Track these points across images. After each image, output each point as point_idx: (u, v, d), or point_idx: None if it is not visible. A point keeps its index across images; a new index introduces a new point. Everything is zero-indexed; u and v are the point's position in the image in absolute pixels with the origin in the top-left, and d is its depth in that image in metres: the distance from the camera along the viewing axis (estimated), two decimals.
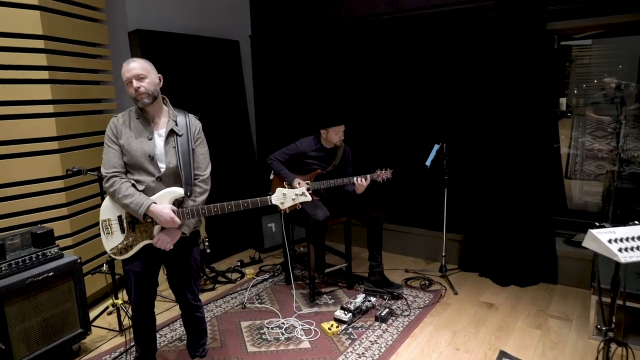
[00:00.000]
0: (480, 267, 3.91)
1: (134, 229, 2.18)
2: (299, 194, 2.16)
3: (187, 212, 2.16)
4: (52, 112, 3.02)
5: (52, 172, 3.06)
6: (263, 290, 3.72)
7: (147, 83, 2.12)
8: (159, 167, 2.16)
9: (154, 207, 2.09)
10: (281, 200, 2.16)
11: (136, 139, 2.15)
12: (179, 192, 2.16)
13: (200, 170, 2.27)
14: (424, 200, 4.26)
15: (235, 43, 4.74)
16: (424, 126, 4.18)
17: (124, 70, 2.11)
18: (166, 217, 2.09)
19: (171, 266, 2.33)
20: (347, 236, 3.62)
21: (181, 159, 2.17)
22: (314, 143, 3.52)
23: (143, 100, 2.11)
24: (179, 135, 2.20)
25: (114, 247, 2.20)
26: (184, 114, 2.29)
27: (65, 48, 3.14)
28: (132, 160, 2.14)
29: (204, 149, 2.33)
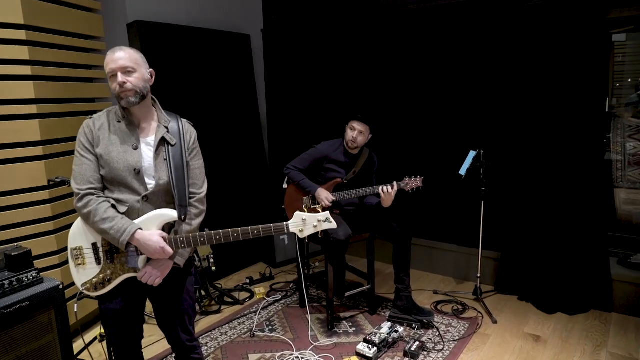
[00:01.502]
0: (520, 289, 3.45)
1: (113, 260, 1.78)
2: (322, 220, 1.74)
3: (182, 241, 1.75)
4: (35, 113, 2.65)
5: (36, 182, 2.68)
6: (274, 314, 3.31)
7: (135, 78, 1.70)
8: (146, 184, 1.75)
9: (140, 235, 1.69)
10: (300, 228, 1.75)
11: (118, 147, 1.74)
12: (171, 215, 1.75)
13: (196, 187, 1.86)
14: (456, 212, 3.80)
15: (245, 37, 4.34)
16: (458, 130, 3.71)
17: (108, 60, 1.70)
18: (155, 247, 1.68)
19: (160, 303, 1.91)
20: (370, 254, 3.19)
21: (174, 174, 1.76)
22: (337, 146, 3.11)
23: (129, 98, 1.70)
24: (171, 145, 1.79)
25: (87, 281, 1.80)
26: (176, 119, 1.87)
27: (51, 40, 2.76)
28: (112, 174, 1.73)
29: (200, 162, 1.92)
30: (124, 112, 1.78)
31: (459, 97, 3.69)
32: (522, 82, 3.31)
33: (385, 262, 4.14)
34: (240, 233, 1.73)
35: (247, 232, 1.73)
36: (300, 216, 1.75)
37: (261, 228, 1.73)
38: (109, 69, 1.69)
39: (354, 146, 3.04)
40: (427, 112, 3.87)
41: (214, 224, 3.90)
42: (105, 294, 1.82)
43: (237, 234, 1.73)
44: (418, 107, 3.91)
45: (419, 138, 3.95)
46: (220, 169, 3.99)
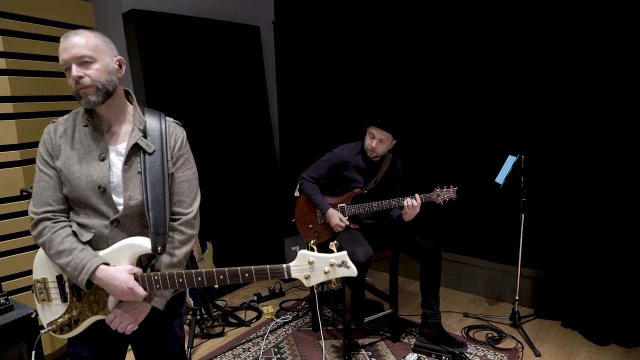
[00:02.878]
0: (565, 314, 3.02)
1: (80, 297, 1.42)
2: (336, 264, 1.25)
3: (156, 280, 1.37)
4: (11, 113, 2.32)
5: (11, 191, 2.35)
6: (284, 338, 2.94)
7: (95, 70, 1.32)
8: (115, 205, 1.38)
9: (102, 272, 1.32)
10: (305, 273, 1.27)
11: (81, 159, 1.37)
12: (143, 247, 1.37)
13: (182, 206, 1.48)
14: (489, 225, 3.37)
15: (255, 29, 3.96)
16: (496, 131, 3.26)
17: (60, 49, 1.32)
18: (122, 287, 1.31)
19: (141, 349, 1.55)
20: (393, 274, 2.79)
21: (149, 191, 1.38)
22: (357, 150, 2.72)
23: (88, 97, 1.32)
24: (147, 153, 1.41)
25: (53, 321, 1.45)
26: (157, 118, 1.48)
27: (31, 29, 2.42)
28: (74, 193, 1.37)
29: (190, 173, 1.52)
30: (88, 114, 1.41)
31: (497, 94, 3.22)
32: (573, 74, 2.86)
33: (406, 277, 3.74)
34: (227, 275, 1.33)
35: (236, 273, 1.32)
36: (306, 257, 1.27)
37: (254, 270, 1.31)
38: (61, 59, 1.32)
39: (374, 155, 2.65)
40: (460, 110, 3.42)
41: (217, 235, 3.58)
42: (75, 337, 1.47)
43: (224, 275, 1.33)
44: (449, 105, 3.46)
45: (450, 141, 3.50)
46: (225, 174, 3.64)
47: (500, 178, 2.81)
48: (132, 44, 3.16)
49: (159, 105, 3.12)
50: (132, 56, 3.19)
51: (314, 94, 4.18)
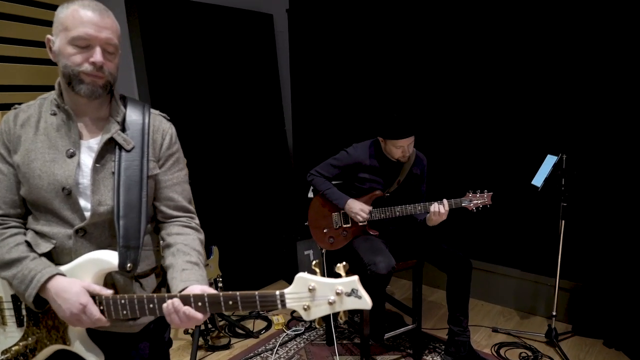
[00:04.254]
0: (607, 332, 2.71)
1: (38, 322, 1.19)
2: (344, 292, 0.96)
3: (123, 304, 1.10)
4: None
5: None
6: (295, 352, 2.69)
7: (114, 64, 1.16)
8: (81, 211, 1.14)
9: (54, 284, 1.08)
10: (305, 303, 0.99)
11: (44, 154, 1.14)
12: (108, 263, 1.12)
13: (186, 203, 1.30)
14: (523, 231, 3.06)
15: (268, 17, 3.71)
16: (534, 128, 2.93)
17: (84, 19, 1.08)
18: (72, 302, 1.07)
19: None
20: (417, 286, 2.51)
21: (122, 195, 1.14)
22: (371, 150, 2.44)
23: (96, 88, 1.12)
24: (125, 150, 1.18)
25: (7, 349, 1.21)
26: (140, 110, 1.25)
27: (14, 11, 2.21)
28: (33, 195, 1.14)
29: (182, 174, 1.30)
30: (61, 100, 1.17)
31: (536, 86, 2.89)
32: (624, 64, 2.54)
33: (429, 285, 3.45)
34: (206, 301, 1.06)
35: (217, 300, 1.05)
36: (305, 282, 0.99)
37: (239, 297, 1.04)
38: (84, 33, 1.08)
39: (405, 160, 2.38)
40: (494, 105, 3.08)
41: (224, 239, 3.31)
42: None
43: (201, 302, 1.05)
44: (482, 99, 3.13)
45: (483, 139, 3.16)
46: (233, 172, 3.39)
47: (538, 180, 2.52)
48: (135, 33, 2.93)
49: (163, 99, 2.90)
50: (134, 45, 2.96)
51: (330, 87, 3.92)
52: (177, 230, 1.24)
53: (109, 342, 1.20)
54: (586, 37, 2.65)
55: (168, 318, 1.06)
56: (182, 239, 1.22)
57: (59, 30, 1.10)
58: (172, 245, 1.21)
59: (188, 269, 1.14)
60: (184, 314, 1.03)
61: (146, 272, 1.24)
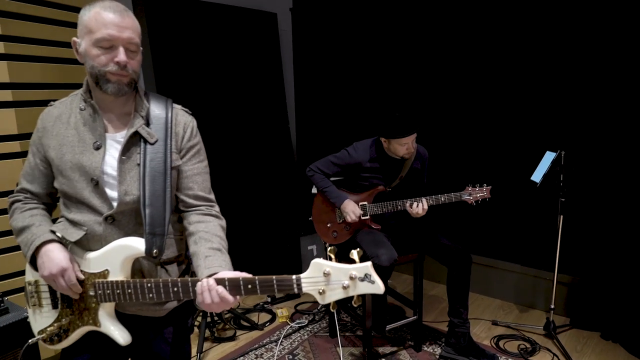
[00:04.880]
0: (604, 325, 2.77)
1: (71, 305, 1.26)
2: (357, 277, 1.01)
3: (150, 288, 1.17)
4: (10, 101, 2.17)
5: (11, 184, 2.18)
6: (299, 344, 2.76)
7: (137, 62, 1.23)
8: (109, 200, 1.21)
9: (47, 247, 1.20)
10: (320, 287, 1.04)
11: (74, 147, 1.22)
12: (135, 249, 1.19)
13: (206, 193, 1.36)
14: (523, 226, 3.12)
15: (272, 16, 3.76)
16: (532, 125, 2.99)
17: (107, 20, 1.15)
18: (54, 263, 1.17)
19: None
20: (418, 279, 2.58)
21: (147, 185, 1.21)
22: (372, 150, 2.50)
23: (122, 86, 1.19)
24: (149, 143, 1.24)
25: (43, 329, 1.29)
26: (163, 105, 1.32)
27: (30, 11, 2.27)
28: (67, 185, 1.22)
29: (202, 165, 1.36)
30: (89, 96, 1.25)
31: (535, 83, 2.95)
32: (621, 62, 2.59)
33: (430, 280, 3.51)
34: (227, 285, 1.11)
35: (237, 283, 1.11)
36: (321, 267, 1.04)
37: (258, 282, 1.10)
38: (107, 34, 1.14)
39: (409, 156, 2.44)
40: (494, 102, 3.15)
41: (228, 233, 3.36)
42: (69, 348, 1.31)
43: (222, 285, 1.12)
44: (482, 96, 3.19)
45: (482, 133, 3.23)
46: (238, 168, 3.46)
47: (537, 176, 2.57)
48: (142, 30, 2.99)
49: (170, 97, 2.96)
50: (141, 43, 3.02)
51: (333, 85, 3.97)
52: (198, 218, 1.30)
53: (135, 325, 1.26)
54: (584, 36, 2.70)
55: (200, 297, 1.11)
56: (203, 227, 1.28)
57: (83, 33, 1.17)
58: (194, 233, 1.27)
59: (211, 256, 1.21)
60: (217, 292, 1.09)
61: (171, 259, 1.30)
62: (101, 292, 1.20)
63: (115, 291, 1.19)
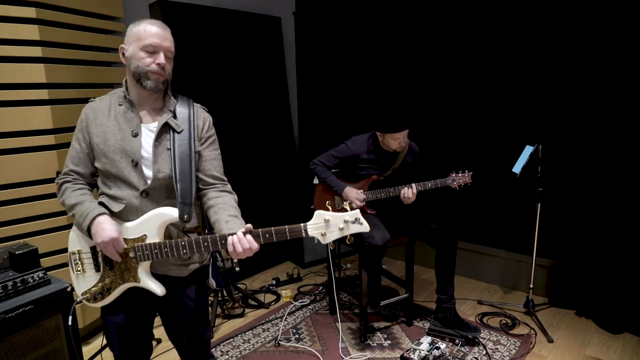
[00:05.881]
0: (579, 303, 3.05)
1: (112, 267, 1.54)
2: (349, 221, 1.36)
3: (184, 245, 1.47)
4: (46, 99, 2.44)
5: (47, 173, 2.48)
6: (302, 320, 3.04)
7: (171, 66, 1.55)
8: (145, 177, 1.50)
9: (100, 219, 1.46)
10: (322, 231, 1.37)
11: (115, 135, 1.51)
12: (171, 215, 1.48)
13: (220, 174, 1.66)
14: (506, 214, 3.41)
15: (276, 20, 4.04)
16: (513, 121, 3.28)
17: (152, 32, 1.46)
18: (106, 234, 1.44)
19: (169, 316, 1.66)
20: (409, 260, 2.86)
21: (177, 165, 1.50)
22: (369, 143, 2.77)
23: (158, 83, 1.50)
24: (176, 132, 1.54)
25: (87, 290, 1.57)
26: (186, 103, 1.62)
27: (64, 19, 2.54)
28: (109, 165, 1.50)
29: (217, 152, 1.67)
30: (127, 93, 1.53)
31: (515, 83, 3.25)
32: (591, 66, 2.87)
33: (423, 266, 3.80)
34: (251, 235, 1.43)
35: (257, 234, 1.42)
36: (322, 216, 1.37)
37: (274, 230, 1.41)
38: (152, 42, 1.45)
39: (401, 150, 2.72)
40: (478, 100, 3.45)
41: None
42: (108, 306, 1.59)
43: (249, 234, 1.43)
44: (468, 94, 3.50)
45: (467, 129, 3.53)
46: (245, 162, 3.73)
47: (518, 168, 2.84)
48: None
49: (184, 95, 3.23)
50: None
51: (333, 84, 4.24)
52: (215, 194, 1.59)
53: (164, 283, 1.54)
54: (560, 43, 2.98)
55: (231, 247, 1.40)
56: (221, 200, 1.57)
57: (132, 40, 1.47)
58: (214, 205, 1.56)
59: (230, 220, 1.50)
60: (246, 241, 1.39)
61: (192, 229, 1.58)
62: (140, 254, 1.49)
63: (153, 251, 1.47)
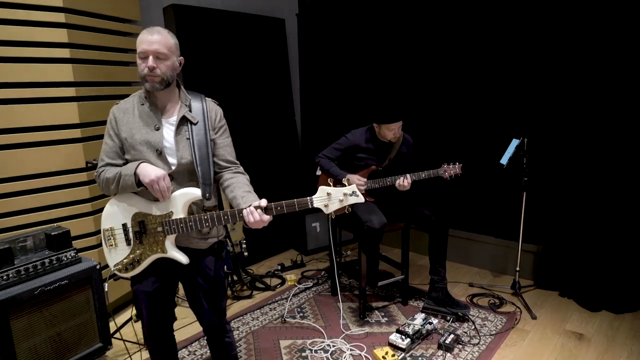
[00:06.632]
0: (562, 285, 3.30)
1: (142, 240, 1.78)
2: (347, 193, 1.63)
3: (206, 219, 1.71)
4: (73, 96, 2.68)
5: (74, 164, 2.73)
6: (305, 300, 3.28)
7: (165, 66, 1.69)
8: (169, 164, 1.75)
9: (143, 165, 1.70)
10: (325, 202, 1.65)
11: (141, 130, 1.75)
12: (194, 194, 1.73)
13: (233, 158, 1.91)
14: (494, 203, 3.65)
15: (280, 21, 4.27)
16: (501, 116, 3.53)
17: (142, 39, 1.67)
18: (154, 173, 1.66)
19: (190, 284, 1.90)
20: (405, 244, 3.10)
21: (197, 152, 1.75)
22: (367, 134, 3.02)
23: (154, 84, 1.69)
24: (193, 124, 1.78)
25: (119, 262, 1.81)
26: (199, 98, 1.86)
27: (89, 23, 2.78)
28: (137, 156, 1.74)
29: (229, 140, 1.92)
30: (147, 95, 1.77)
31: (503, 80, 3.50)
32: (573, 64, 3.11)
33: (419, 253, 4.04)
34: (263, 207, 1.67)
35: (270, 207, 1.67)
36: (324, 190, 1.64)
37: (285, 205, 1.66)
38: (142, 49, 1.66)
39: (395, 140, 2.96)
40: (468, 97, 3.71)
41: None
42: (137, 276, 1.83)
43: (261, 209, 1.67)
44: (459, 91, 3.75)
45: (458, 123, 3.79)
46: (252, 155, 3.97)
47: (505, 159, 3.07)
48: None
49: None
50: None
51: (333, 82, 4.48)
52: (230, 175, 1.85)
53: (187, 254, 1.78)
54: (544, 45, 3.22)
55: (247, 218, 1.64)
56: (235, 180, 1.83)
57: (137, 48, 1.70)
58: (230, 185, 1.81)
59: (245, 195, 1.75)
60: (258, 213, 1.64)
61: (210, 208, 1.83)
62: (167, 228, 1.73)
63: (179, 225, 1.71)
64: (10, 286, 2.11)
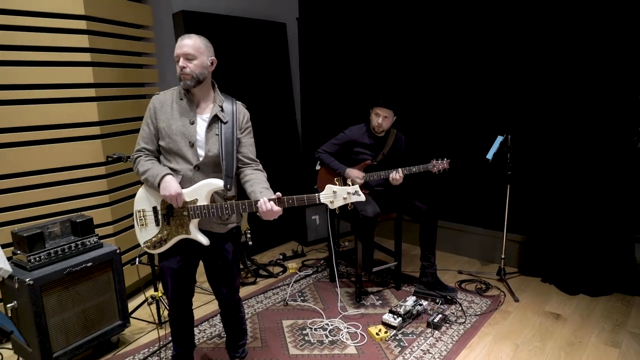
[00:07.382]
0: (544, 271, 3.55)
1: (169, 222, 2.03)
2: (351, 193, 1.89)
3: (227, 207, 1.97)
4: (93, 96, 2.92)
5: (94, 159, 2.97)
6: (306, 286, 3.54)
7: (194, 65, 1.94)
8: (198, 155, 1.99)
9: (166, 178, 1.93)
10: (330, 199, 1.90)
11: (177, 121, 1.99)
12: (217, 185, 1.97)
13: (253, 156, 2.15)
14: (482, 196, 3.91)
15: (281, 25, 4.52)
16: (486, 114, 3.81)
17: (176, 46, 1.95)
18: (169, 189, 1.90)
19: (210, 263, 2.16)
20: (398, 233, 3.35)
21: (224, 147, 1.99)
22: (363, 130, 3.27)
23: (186, 81, 1.95)
24: (223, 122, 2.03)
25: (148, 240, 2.06)
26: (231, 101, 2.11)
27: (107, 29, 3.02)
28: (171, 144, 1.99)
29: (252, 140, 2.17)
30: (185, 91, 2.02)
31: (488, 82, 3.77)
32: (552, 67, 3.37)
33: (412, 244, 4.30)
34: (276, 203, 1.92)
35: (283, 200, 1.91)
36: (331, 188, 1.90)
37: (295, 198, 1.92)
38: (175, 53, 1.94)
39: (380, 130, 3.20)
40: (456, 95, 3.98)
41: None
42: (164, 254, 2.08)
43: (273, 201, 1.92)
44: (447, 90, 4.03)
45: (447, 121, 4.06)
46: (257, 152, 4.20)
47: (490, 154, 3.31)
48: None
49: None
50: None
51: (332, 82, 4.73)
52: (250, 171, 2.09)
53: (208, 237, 2.03)
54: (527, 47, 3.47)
55: (261, 208, 1.89)
56: (255, 176, 2.07)
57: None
58: (250, 180, 2.05)
59: (264, 191, 1.99)
60: (270, 205, 1.89)
61: (230, 197, 2.07)
62: (192, 212, 1.97)
63: (202, 211, 1.96)
64: (43, 266, 2.36)
